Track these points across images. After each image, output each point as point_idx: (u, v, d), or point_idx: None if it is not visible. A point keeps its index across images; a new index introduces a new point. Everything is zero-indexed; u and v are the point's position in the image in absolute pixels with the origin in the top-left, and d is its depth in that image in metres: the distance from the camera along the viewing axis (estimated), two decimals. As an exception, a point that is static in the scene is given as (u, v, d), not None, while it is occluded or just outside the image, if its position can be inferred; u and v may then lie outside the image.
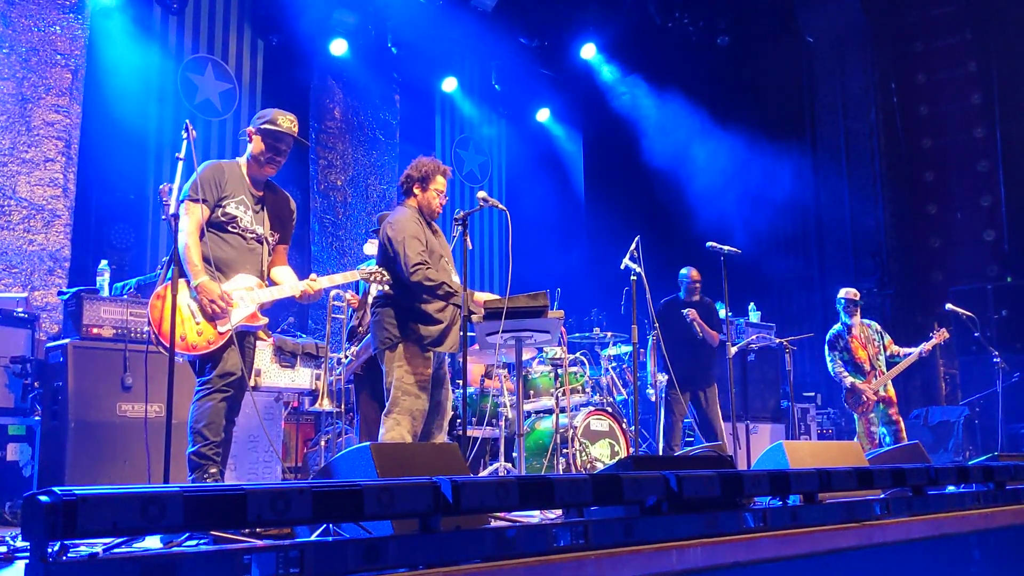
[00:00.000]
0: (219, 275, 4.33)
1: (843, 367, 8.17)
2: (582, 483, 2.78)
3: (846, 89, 12.78)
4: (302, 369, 6.53)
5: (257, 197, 4.55)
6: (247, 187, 4.51)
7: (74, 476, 5.06)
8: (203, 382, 4.25)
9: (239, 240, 4.44)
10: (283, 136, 4.45)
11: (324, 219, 10.52)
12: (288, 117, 4.51)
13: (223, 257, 4.36)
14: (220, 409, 4.22)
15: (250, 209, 4.48)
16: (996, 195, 11.96)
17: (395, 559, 2.29)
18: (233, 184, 4.44)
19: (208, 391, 4.21)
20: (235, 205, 4.43)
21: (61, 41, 8.13)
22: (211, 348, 4.22)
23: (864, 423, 8.11)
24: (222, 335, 4.24)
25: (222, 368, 4.24)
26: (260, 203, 4.55)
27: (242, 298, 4.35)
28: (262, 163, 4.50)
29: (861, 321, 8.37)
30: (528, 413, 7.14)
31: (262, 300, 4.41)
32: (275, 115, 4.49)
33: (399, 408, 4.85)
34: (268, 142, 4.46)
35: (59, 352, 5.36)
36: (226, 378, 4.24)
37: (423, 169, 5.17)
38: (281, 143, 4.48)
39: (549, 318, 4.96)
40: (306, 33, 10.13)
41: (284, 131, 4.44)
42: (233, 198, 4.42)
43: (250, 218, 4.48)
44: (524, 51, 12.23)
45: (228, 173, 4.46)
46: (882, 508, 3.83)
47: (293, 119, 4.53)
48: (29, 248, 7.71)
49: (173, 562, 1.98)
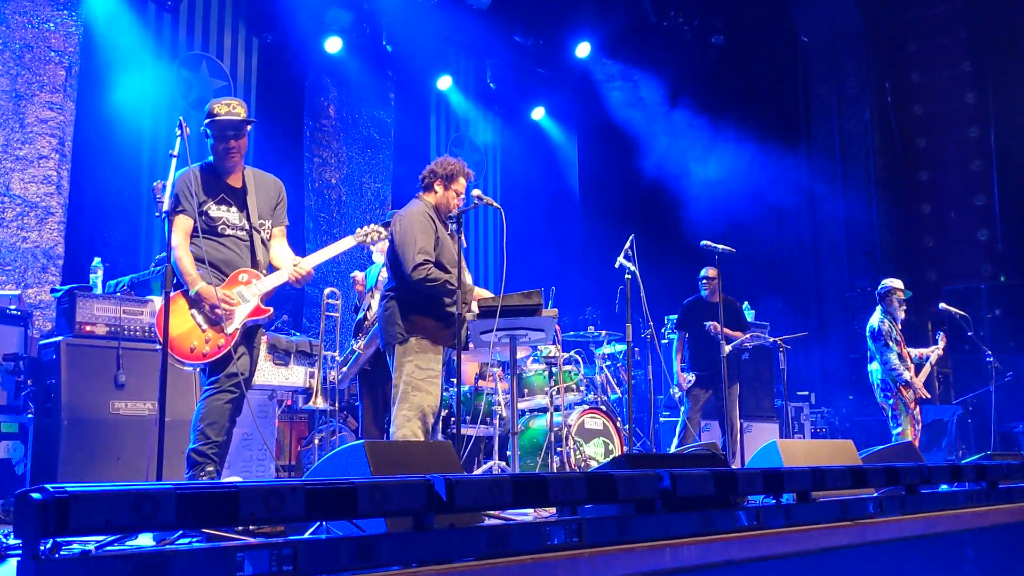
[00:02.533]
0: (220, 276, 4.36)
1: (900, 361, 8.04)
2: (576, 481, 2.78)
3: (841, 88, 12.79)
4: (296, 367, 6.53)
5: (236, 190, 4.51)
6: (222, 184, 4.48)
7: (67, 474, 5.05)
8: (212, 382, 4.27)
9: (231, 239, 4.45)
10: (222, 124, 4.39)
11: (319, 217, 10.51)
12: (224, 103, 4.43)
13: (220, 258, 4.39)
14: (225, 410, 4.24)
15: (233, 205, 4.47)
16: (990, 194, 11.98)
17: (388, 557, 2.29)
18: (207, 186, 4.42)
19: (216, 391, 4.24)
20: (215, 207, 4.41)
21: (55, 38, 8.11)
22: (223, 351, 4.25)
23: (909, 419, 8.02)
24: (230, 337, 4.27)
25: (231, 368, 4.27)
26: (241, 194, 4.52)
27: (242, 294, 4.36)
28: (221, 155, 4.46)
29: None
30: (522, 411, 7.14)
31: (263, 290, 4.42)
32: (211, 106, 4.44)
33: (409, 404, 4.82)
34: (215, 134, 4.42)
35: (52, 350, 5.35)
36: (233, 378, 4.27)
37: (448, 168, 5.16)
38: (226, 131, 4.41)
39: (543, 316, 4.96)
40: (301, 31, 10.11)
41: (221, 119, 4.38)
42: (212, 200, 4.41)
43: (235, 214, 4.46)
44: (519, 49, 12.22)
45: (200, 177, 4.42)
46: (875, 507, 3.83)
47: (231, 103, 4.44)
48: (22, 245, 7.69)
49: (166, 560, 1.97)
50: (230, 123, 4.40)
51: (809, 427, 10.26)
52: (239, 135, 4.46)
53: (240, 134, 4.47)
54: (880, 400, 8.12)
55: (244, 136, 4.50)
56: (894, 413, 8.01)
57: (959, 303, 9.17)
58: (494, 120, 12.88)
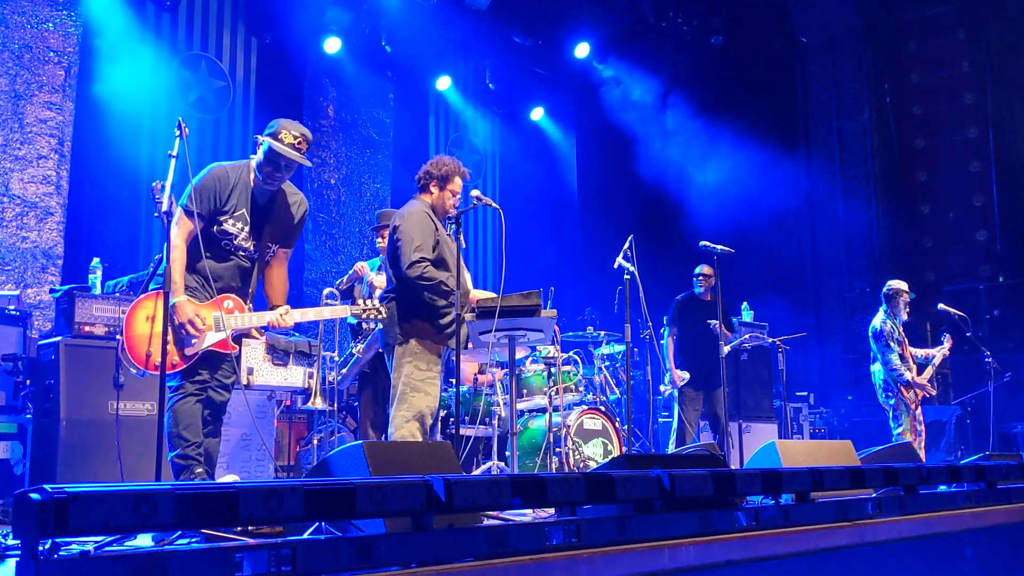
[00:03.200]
0: (207, 290, 4.29)
1: (901, 362, 8.04)
2: (575, 482, 2.78)
3: (839, 89, 12.80)
4: (295, 367, 6.52)
5: (260, 207, 4.41)
6: (249, 198, 4.37)
7: (65, 474, 5.04)
8: (174, 388, 4.22)
9: (232, 257, 4.38)
10: (282, 157, 4.29)
11: (318, 218, 10.51)
12: (293, 133, 4.32)
13: (215, 272, 4.30)
14: (195, 411, 4.21)
15: (248, 225, 4.37)
16: (988, 195, 11.99)
17: (387, 557, 2.29)
18: (236, 195, 4.32)
19: (181, 396, 4.21)
20: (232, 222, 4.32)
21: (54, 38, 8.11)
22: (178, 369, 4.18)
23: (910, 419, 8.01)
24: (187, 359, 4.18)
25: (192, 376, 4.23)
26: (262, 215, 4.41)
27: (219, 321, 4.26)
28: (264, 177, 4.36)
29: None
30: (521, 412, 7.13)
31: (239, 326, 4.32)
32: (280, 130, 4.32)
33: (407, 405, 4.80)
34: (268, 157, 4.32)
35: (51, 350, 5.34)
36: (197, 383, 4.23)
37: (444, 168, 5.14)
38: (280, 161, 4.31)
39: (542, 317, 4.96)
40: (300, 31, 10.12)
41: (283, 154, 4.27)
42: (233, 213, 4.32)
43: (246, 235, 4.37)
44: (518, 50, 12.22)
45: (233, 182, 4.32)
46: (874, 507, 3.84)
47: (299, 135, 4.33)
48: (22, 245, 7.69)
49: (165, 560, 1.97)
50: (290, 159, 4.30)
51: (808, 427, 10.26)
52: (290, 169, 4.38)
53: (291, 168, 4.38)
54: (882, 401, 8.12)
55: (294, 168, 4.41)
56: (895, 413, 8.01)
57: (958, 303, 9.18)
58: (493, 121, 12.88)
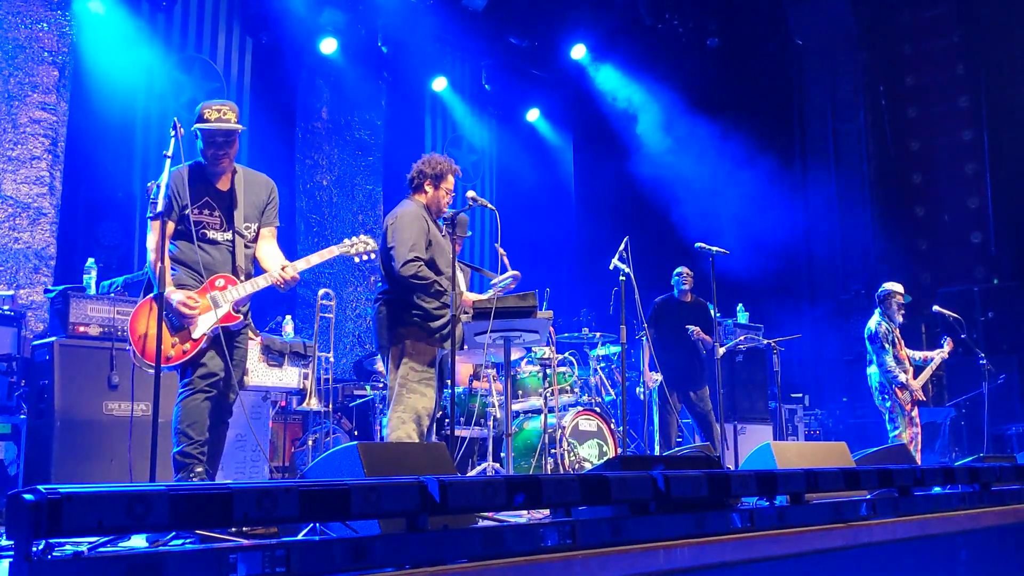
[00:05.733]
0: (198, 279, 4.31)
1: (896, 364, 8.03)
2: (570, 483, 2.78)
3: (835, 91, 12.83)
4: (290, 368, 6.52)
5: (223, 193, 4.45)
6: (209, 187, 4.41)
7: (60, 475, 5.03)
8: (185, 383, 4.24)
9: (212, 244, 4.40)
10: (211, 132, 4.30)
11: (310, 219, 10.50)
12: (215, 108, 4.32)
13: (200, 261, 4.32)
14: (203, 408, 4.22)
15: (217, 209, 4.41)
16: (983, 197, 12.02)
17: (382, 558, 2.28)
18: (194, 189, 4.34)
19: (190, 392, 4.21)
20: (198, 210, 4.35)
21: (48, 38, 8.08)
22: (188, 356, 4.21)
23: (906, 421, 8.02)
24: (196, 342, 4.22)
25: (203, 370, 4.24)
26: (227, 198, 4.45)
27: (215, 299, 4.30)
28: (210, 160, 4.39)
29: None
30: (516, 413, 7.13)
31: (237, 297, 4.35)
32: (202, 110, 4.34)
33: (403, 406, 4.79)
34: (204, 139, 4.34)
35: (45, 350, 5.33)
36: (208, 379, 4.24)
37: (437, 167, 5.11)
38: (215, 137, 4.33)
39: (538, 318, 4.96)
40: (295, 32, 10.11)
41: (210, 126, 4.28)
42: (195, 203, 4.34)
43: (218, 218, 4.41)
44: (514, 51, 12.22)
45: (187, 178, 4.34)
46: (868, 509, 3.84)
47: (222, 108, 4.33)
48: (14, 246, 7.67)
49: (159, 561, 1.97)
50: (219, 131, 4.31)
51: (803, 429, 10.27)
52: (228, 142, 4.38)
53: (229, 141, 4.38)
54: (878, 403, 8.12)
55: (234, 143, 4.41)
56: (891, 415, 8.02)
57: (952, 305, 9.19)
58: (489, 122, 12.88)
